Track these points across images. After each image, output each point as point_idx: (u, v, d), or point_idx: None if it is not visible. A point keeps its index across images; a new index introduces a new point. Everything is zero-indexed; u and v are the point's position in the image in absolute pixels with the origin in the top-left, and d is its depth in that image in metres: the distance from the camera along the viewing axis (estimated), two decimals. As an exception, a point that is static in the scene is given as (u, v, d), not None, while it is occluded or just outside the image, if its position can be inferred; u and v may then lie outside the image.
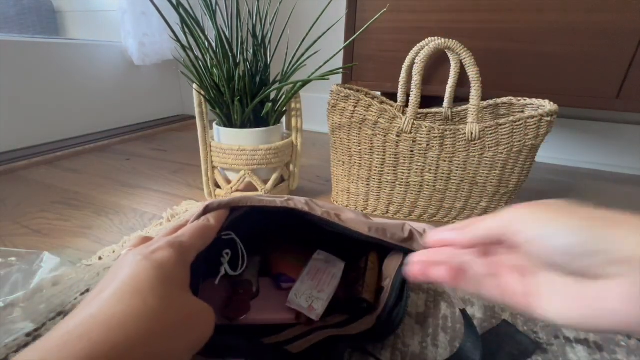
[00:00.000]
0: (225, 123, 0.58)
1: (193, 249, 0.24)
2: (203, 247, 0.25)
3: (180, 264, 0.22)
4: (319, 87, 1.22)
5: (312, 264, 0.36)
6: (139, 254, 0.21)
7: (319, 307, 0.31)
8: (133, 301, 0.18)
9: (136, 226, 0.54)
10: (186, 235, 0.24)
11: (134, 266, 0.20)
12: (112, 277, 0.20)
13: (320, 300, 0.32)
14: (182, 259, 0.22)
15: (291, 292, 0.32)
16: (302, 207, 0.30)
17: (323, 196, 0.68)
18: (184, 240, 0.23)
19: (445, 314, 0.37)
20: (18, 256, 0.42)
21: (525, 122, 0.50)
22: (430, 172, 0.54)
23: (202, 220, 0.26)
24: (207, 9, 0.52)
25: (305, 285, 0.33)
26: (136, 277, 0.19)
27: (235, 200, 0.28)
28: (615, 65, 0.61)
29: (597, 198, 0.73)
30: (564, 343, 0.33)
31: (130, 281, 0.19)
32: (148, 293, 0.19)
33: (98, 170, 0.78)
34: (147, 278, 0.19)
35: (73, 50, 0.96)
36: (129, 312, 0.17)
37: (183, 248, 0.23)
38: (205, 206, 0.27)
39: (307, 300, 0.31)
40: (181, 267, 0.22)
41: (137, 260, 0.20)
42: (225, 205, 0.28)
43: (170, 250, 0.22)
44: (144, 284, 0.19)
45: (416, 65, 0.51)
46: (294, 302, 0.32)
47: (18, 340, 0.31)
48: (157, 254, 0.21)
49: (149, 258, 0.21)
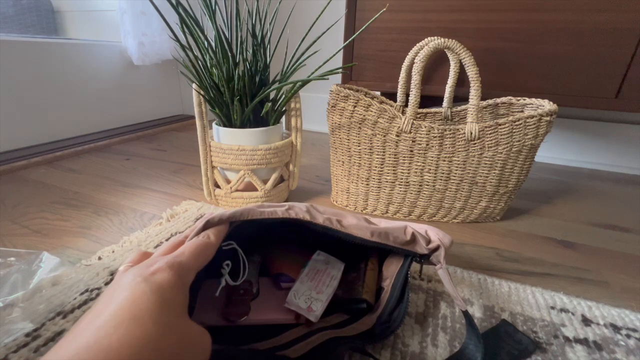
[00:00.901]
0: (225, 123, 0.58)
1: (192, 269, 0.23)
2: (202, 266, 0.25)
3: (179, 286, 0.21)
4: (319, 87, 1.22)
5: (311, 264, 0.36)
6: (138, 275, 0.21)
7: (318, 309, 0.31)
8: (130, 328, 0.18)
9: (135, 226, 0.54)
10: (186, 254, 0.24)
11: (132, 289, 0.20)
12: (109, 299, 0.20)
13: (319, 301, 0.32)
14: (181, 282, 0.22)
15: (290, 292, 0.32)
16: (303, 216, 0.30)
17: (323, 196, 0.68)
18: (183, 260, 0.23)
19: (445, 313, 0.37)
20: (17, 256, 0.42)
21: (524, 122, 0.50)
22: (429, 172, 0.54)
23: (202, 237, 0.26)
24: (206, 8, 0.52)
25: (305, 286, 0.33)
26: (134, 301, 0.19)
27: (237, 214, 0.28)
28: (614, 65, 0.61)
29: (596, 198, 0.73)
30: (564, 343, 0.33)
31: (128, 306, 0.19)
32: (147, 319, 0.18)
33: (98, 170, 0.78)
34: (146, 303, 0.19)
35: (72, 50, 0.96)
36: (126, 341, 0.17)
37: (182, 269, 0.22)
38: (205, 221, 0.27)
39: (306, 301, 0.31)
40: (179, 290, 0.21)
41: (136, 282, 0.20)
42: (226, 220, 0.28)
43: (170, 272, 0.21)
44: (142, 310, 0.19)
45: (416, 65, 0.51)
46: (293, 302, 0.31)
47: (17, 341, 0.31)
48: (157, 276, 0.21)
49: (148, 280, 0.20)
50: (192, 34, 0.51)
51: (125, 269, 0.22)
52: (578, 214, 0.65)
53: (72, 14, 1.22)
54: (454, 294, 0.31)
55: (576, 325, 0.36)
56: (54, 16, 1.23)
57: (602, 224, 0.61)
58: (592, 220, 0.63)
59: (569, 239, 0.55)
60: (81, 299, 0.37)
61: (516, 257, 0.49)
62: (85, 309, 0.35)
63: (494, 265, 0.47)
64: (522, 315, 0.37)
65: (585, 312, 0.38)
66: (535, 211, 0.65)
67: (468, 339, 0.30)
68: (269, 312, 0.33)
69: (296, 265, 0.37)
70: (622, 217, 0.64)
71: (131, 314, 0.18)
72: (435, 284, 0.41)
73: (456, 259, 0.48)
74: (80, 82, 0.99)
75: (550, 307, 0.38)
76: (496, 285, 0.41)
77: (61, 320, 0.34)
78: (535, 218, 0.62)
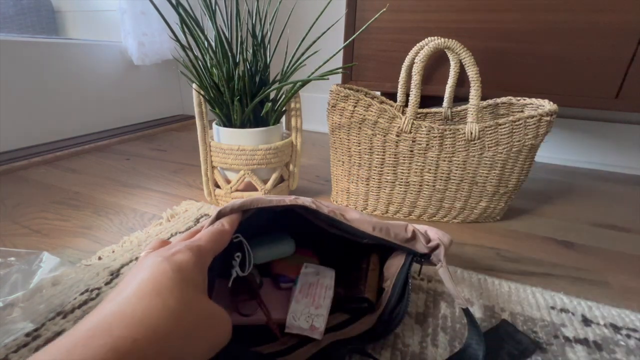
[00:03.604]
0: (225, 123, 0.58)
1: (210, 252, 0.24)
2: (219, 251, 0.26)
3: (199, 267, 0.22)
4: (319, 87, 1.22)
5: (301, 279, 0.34)
6: (159, 255, 0.21)
7: (321, 324, 0.30)
8: (153, 301, 0.18)
9: (136, 226, 0.54)
10: (203, 239, 0.25)
11: (154, 267, 0.20)
12: (133, 278, 0.20)
13: (320, 316, 0.31)
14: (200, 263, 0.22)
15: (288, 315, 0.31)
16: (309, 205, 0.31)
17: (322, 196, 0.68)
18: (201, 244, 0.24)
19: (445, 313, 0.37)
20: (17, 256, 0.42)
21: (524, 122, 0.50)
22: (429, 172, 0.54)
23: (217, 224, 0.27)
24: (206, 8, 0.52)
25: (301, 305, 0.32)
26: (156, 278, 0.20)
27: (247, 203, 0.28)
28: (614, 65, 0.61)
29: (596, 198, 0.73)
30: (564, 343, 0.33)
31: (151, 282, 0.19)
32: (168, 294, 0.19)
33: (98, 170, 0.78)
34: (167, 280, 0.20)
35: (72, 50, 0.96)
36: (148, 311, 0.18)
37: (201, 252, 0.23)
38: (218, 211, 0.28)
39: (307, 320, 0.30)
40: (199, 270, 0.22)
41: (158, 261, 0.21)
42: (238, 209, 0.28)
43: (189, 253, 0.22)
44: (163, 285, 0.19)
45: (416, 65, 0.51)
46: (294, 326, 0.30)
47: (17, 340, 0.31)
48: (177, 256, 0.22)
49: (169, 260, 0.21)
50: (192, 34, 0.51)
51: (146, 254, 0.23)
52: (578, 214, 0.65)
53: (72, 14, 1.22)
54: (455, 293, 0.31)
55: (576, 326, 0.36)
56: (54, 16, 1.23)
57: (602, 224, 0.61)
58: (592, 220, 0.63)
59: (569, 239, 0.55)
60: (81, 299, 0.37)
61: (516, 257, 0.49)
62: (86, 309, 0.35)
63: (494, 265, 0.47)
64: (522, 315, 0.37)
65: (586, 312, 0.38)
66: (535, 211, 0.65)
67: (469, 337, 0.30)
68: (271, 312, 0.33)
69: (296, 266, 0.37)
70: (622, 217, 0.64)
71: (153, 289, 0.19)
72: (435, 284, 0.41)
73: (456, 259, 0.48)
74: (80, 82, 0.99)
75: (550, 307, 0.38)
76: (496, 285, 0.41)
77: (61, 320, 0.34)
78: (535, 218, 0.62)
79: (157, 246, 0.25)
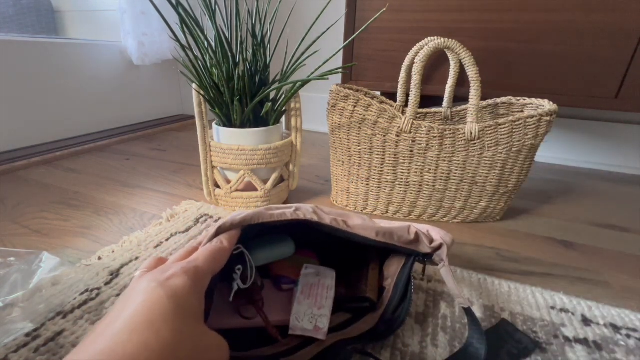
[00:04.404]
0: (225, 123, 0.58)
1: (208, 274, 0.23)
2: (217, 270, 0.25)
3: (195, 292, 0.21)
4: (319, 87, 1.22)
5: (302, 280, 0.34)
6: (153, 280, 0.20)
7: (325, 324, 0.30)
8: (145, 334, 0.17)
9: (135, 226, 0.54)
10: (200, 259, 0.24)
11: (148, 294, 0.19)
12: (124, 305, 0.19)
13: (323, 316, 0.31)
14: (196, 287, 0.22)
15: (291, 317, 0.31)
16: (311, 217, 0.30)
17: (323, 196, 0.68)
18: (198, 265, 0.23)
19: (445, 313, 0.37)
20: (17, 256, 0.42)
21: (524, 122, 0.50)
22: (429, 172, 0.54)
23: (215, 242, 0.26)
24: (206, 8, 0.52)
25: (304, 306, 0.32)
26: (150, 307, 0.19)
27: (247, 219, 0.28)
28: (614, 65, 0.61)
29: (596, 198, 0.73)
30: (564, 342, 0.33)
31: (144, 311, 0.18)
32: (162, 325, 0.18)
33: (98, 170, 0.78)
34: (161, 308, 0.19)
35: (72, 50, 0.96)
36: (141, 347, 0.17)
37: (198, 274, 0.22)
38: (217, 227, 0.27)
39: (310, 321, 0.30)
40: (196, 295, 0.21)
41: (152, 287, 0.20)
42: (238, 225, 0.28)
43: (185, 277, 0.21)
44: (158, 316, 0.18)
45: (416, 65, 0.51)
46: (297, 327, 0.30)
47: (17, 340, 0.31)
48: (172, 281, 0.21)
49: (163, 286, 0.20)
50: (192, 34, 0.51)
51: (141, 274, 0.22)
52: (578, 214, 0.65)
53: (72, 14, 1.22)
54: (456, 292, 0.31)
55: (576, 325, 0.36)
56: (54, 16, 1.23)
57: (602, 224, 0.61)
58: (592, 220, 0.63)
59: (569, 239, 0.55)
60: (81, 299, 0.37)
61: (516, 257, 0.49)
62: (85, 309, 0.35)
63: (494, 265, 0.47)
64: (522, 315, 0.37)
65: (585, 312, 0.38)
66: (535, 211, 0.65)
67: (470, 336, 0.30)
68: (272, 313, 0.33)
69: (296, 267, 0.37)
70: (622, 217, 0.64)
71: (147, 320, 0.18)
72: (435, 284, 0.41)
73: (456, 259, 0.48)
74: (81, 82, 0.99)
75: (550, 307, 0.38)
76: (496, 285, 0.41)
77: (61, 320, 0.34)
78: (535, 218, 0.62)
79: (152, 266, 0.24)
